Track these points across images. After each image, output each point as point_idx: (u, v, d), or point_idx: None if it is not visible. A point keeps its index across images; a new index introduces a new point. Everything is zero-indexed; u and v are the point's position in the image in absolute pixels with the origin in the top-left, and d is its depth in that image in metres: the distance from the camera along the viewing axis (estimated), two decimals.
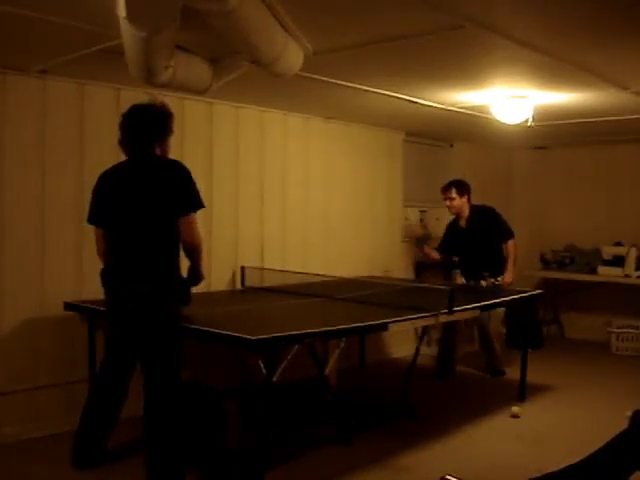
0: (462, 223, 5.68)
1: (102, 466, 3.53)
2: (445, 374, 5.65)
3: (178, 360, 3.32)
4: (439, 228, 6.34)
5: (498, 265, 5.57)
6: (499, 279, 5.53)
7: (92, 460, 3.53)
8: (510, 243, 5.61)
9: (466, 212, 5.64)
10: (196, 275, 3.45)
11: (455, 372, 5.73)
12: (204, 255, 4.89)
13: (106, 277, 3.44)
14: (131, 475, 3.39)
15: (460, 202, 5.60)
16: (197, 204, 3.26)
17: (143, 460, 3.26)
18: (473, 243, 5.61)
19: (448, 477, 3.22)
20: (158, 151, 3.38)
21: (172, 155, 3.54)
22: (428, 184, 6.95)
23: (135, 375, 3.48)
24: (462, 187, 5.62)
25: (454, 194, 5.58)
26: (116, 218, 3.37)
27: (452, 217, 5.84)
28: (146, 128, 3.34)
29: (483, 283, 5.54)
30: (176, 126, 4.62)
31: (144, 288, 3.25)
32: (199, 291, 4.52)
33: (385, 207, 6.39)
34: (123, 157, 4.42)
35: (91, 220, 3.50)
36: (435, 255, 5.93)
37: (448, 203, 5.63)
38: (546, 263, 7.21)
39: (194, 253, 3.33)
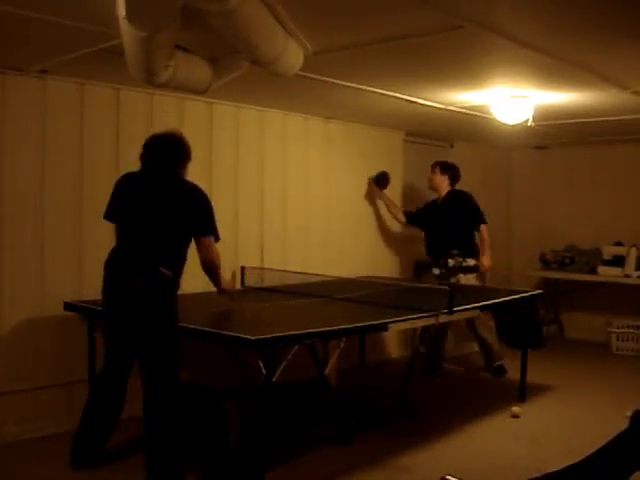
0: (439, 201, 5.83)
1: (101, 466, 3.52)
2: (433, 371, 5.71)
3: (176, 360, 3.32)
4: None
5: (468, 246, 5.66)
6: (468, 261, 5.59)
7: (91, 460, 3.53)
8: (483, 228, 5.70)
9: (443, 191, 5.79)
10: (217, 288, 3.73)
11: (443, 370, 5.81)
12: None
13: (109, 273, 3.44)
14: (131, 475, 3.39)
15: (439, 179, 5.78)
16: (215, 229, 3.49)
17: (143, 460, 3.26)
18: (446, 220, 5.70)
19: (448, 477, 3.22)
20: (181, 174, 3.56)
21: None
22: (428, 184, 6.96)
23: (135, 375, 3.47)
24: (446, 167, 5.82)
25: (437, 170, 5.79)
26: (130, 218, 3.45)
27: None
28: (177, 153, 3.53)
29: (450, 261, 5.59)
30: (175, 126, 4.67)
31: (143, 283, 3.28)
32: (199, 291, 4.54)
33: (385, 207, 6.38)
34: (122, 157, 4.45)
35: (107, 216, 3.57)
36: (395, 210, 6.07)
37: (429, 177, 5.84)
38: (546, 263, 7.21)
39: (211, 270, 3.56)
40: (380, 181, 6.06)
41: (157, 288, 3.30)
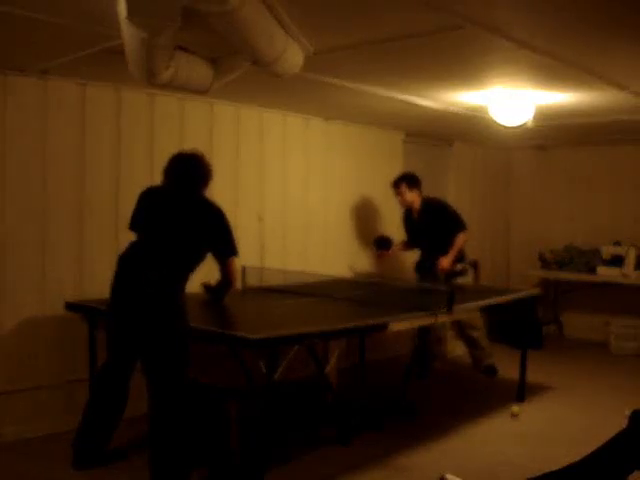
0: (414, 216, 5.69)
1: (102, 466, 3.53)
2: (423, 375, 5.62)
3: (186, 360, 3.33)
4: None
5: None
6: (458, 266, 5.53)
7: (92, 461, 3.53)
8: (460, 235, 5.51)
9: (417, 205, 5.62)
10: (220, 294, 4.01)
11: (433, 370, 5.75)
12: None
13: (120, 276, 3.45)
14: (132, 475, 3.40)
15: (411, 196, 5.57)
16: (235, 247, 3.66)
17: (147, 460, 3.26)
18: (425, 235, 5.63)
19: (448, 477, 3.23)
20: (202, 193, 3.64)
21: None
22: (428, 184, 6.95)
23: (137, 375, 3.48)
24: (412, 181, 5.58)
25: (404, 188, 5.55)
26: (152, 230, 3.51)
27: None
28: (197, 176, 3.59)
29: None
30: (176, 126, 4.69)
31: (153, 279, 3.33)
32: (199, 291, 4.54)
33: (385, 207, 6.39)
34: (123, 157, 4.46)
35: (131, 227, 3.60)
36: (404, 249, 5.92)
37: (399, 199, 5.62)
38: (545, 263, 7.22)
39: (228, 287, 3.88)
40: (383, 245, 5.83)
41: (167, 285, 3.34)
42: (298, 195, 5.60)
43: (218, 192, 4.96)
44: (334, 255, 5.83)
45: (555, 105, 4.77)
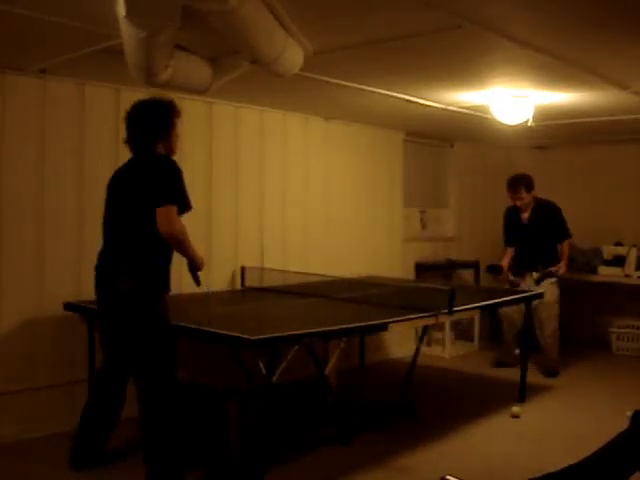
0: (524, 216, 5.77)
1: (101, 467, 3.52)
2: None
3: (170, 361, 3.22)
4: (440, 229, 6.36)
5: (551, 260, 5.68)
6: (551, 268, 5.62)
7: (91, 461, 3.52)
8: (566, 243, 5.79)
9: (531, 206, 5.74)
10: (190, 264, 3.35)
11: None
12: (205, 254, 4.92)
13: (95, 274, 3.40)
14: (131, 475, 3.39)
15: (529, 198, 5.70)
16: (173, 197, 3.11)
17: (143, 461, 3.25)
18: (533, 236, 5.70)
19: (448, 477, 3.22)
20: (161, 149, 3.30)
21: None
22: (428, 184, 6.96)
23: None
24: (529, 184, 5.70)
25: (524, 193, 5.66)
26: (106, 216, 3.37)
27: (507, 207, 5.91)
28: (146, 125, 3.28)
29: (534, 275, 5.62)
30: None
31: (127, 290, 3.18)
32: (199, 291, 4.53)
33: (385, 207, 6.39)
34: (122, 157, 4.44)
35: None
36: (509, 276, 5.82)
37: (519, 203, 5.70)
38: None
39: (174, 243, 3.18)
40: (496, 271, 5.83)
41: (139, 291, 3.19)
42: (298, 195, 5.59)
43: (218, 192, 4.98)
44: (334, 255, 5.82)
45: (555, 105, 4.77)
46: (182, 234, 3.17)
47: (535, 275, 5.67)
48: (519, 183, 5.67)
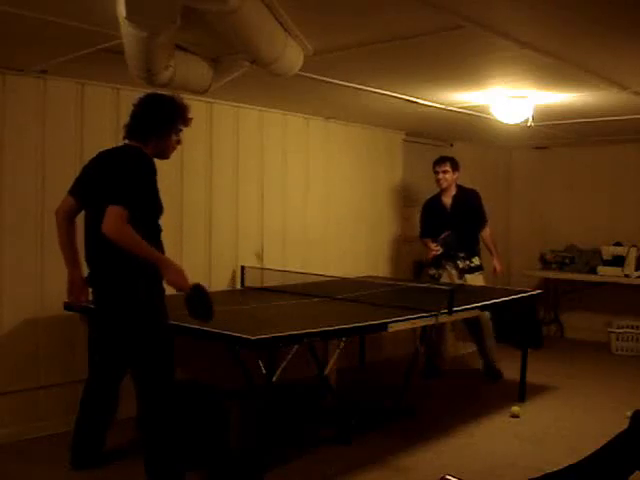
0: (446, 201, 5.68)
1: (101, 467, 3.53)
2: (433, 374, 5.62)
3: (167, 360, 3.16)
4: None
5: (472, 247, 5.63)
6: (474, 260, 5.57)
7: (90, 461, 3.53)
8: (487, 230, 5.73)
9: (453, 190, 5.68)
10: (167, 278, 2.99)
11: (443, 372, 5.71)
12: (205, 254, 4.93)
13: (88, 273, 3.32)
14: (131, 475, 3.39)
15: (452, 177, 5.64)
16: (124, 196, 2.88)
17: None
18: (454, 223, 5.61)
19: (448, 477, 3.22)
20: (151, 149, 3.17)
21: (171, 155, 3.49)
22: (428, 184, 6.95)
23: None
24: (456, 163, 5.67)
25: (448, 167, 5.61)
26: (86, 214, 3.28)
27: (429, 196, 5.85)
28: (142, 117, 3.17)
29: (460, 264, 5.56)
30: None
31: (111, 297, 3.14)
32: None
33: (385, 207, 6.39)
34: None
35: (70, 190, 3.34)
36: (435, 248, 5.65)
37: (441, 176, 5.62)
38: (546, 263, 7.21)
39: (120, 245, 2.88)
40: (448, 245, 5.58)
41: (127, 297, 3.10)
42: (298, 195, 5.60)
43: (218, 192, 4.98)
44: (334, 255, 5.83)
45: (555, 105, 4.76)
46: (116, 236, 2.88)
47: (432, 271, 5.64)
48: (446, 158, 5.66)
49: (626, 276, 6.52)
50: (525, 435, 4.19)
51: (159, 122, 3.18)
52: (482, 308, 4.73)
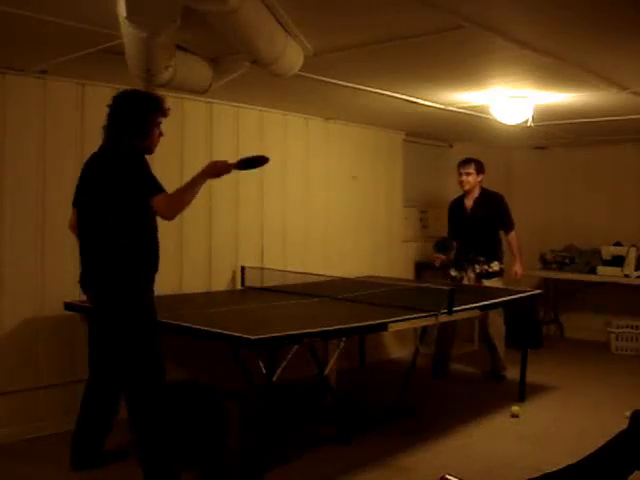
0: (468, 203, 5.66)
1: (101, 467, 3.52)
2: (440, 374, 5.62)
3: (156, 362, 3.15)
4: (440, 229, 6.34)
5: (493, 252, 5.58)
6: (493, 265, 5.53)
7: (90, 462, 3.52)
8: (513, 234, 5.67)
9: (477, 192, 5.64)
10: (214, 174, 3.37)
11: (449, 372, 5.70)
12: (205, 254, 4.93)
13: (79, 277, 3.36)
14: (130, 475, 3.38)
15: (475, 179, 5.60)
16: (154, 186, 3.02)
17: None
18: (475, 226, 5.59)
19: (448, 477, 3.22)
20: (136, 144, 3.17)
21: (172, 155, 3.49)
22: (428, 184, 6.96)
23: None
24: (480, 166, 5.63)
25: (472, 169, 5.58)
26: (79, 212, 3.31)
27: (454, 198, 5.83)
28: (121, 116, 3.16)
29: (477, 268, 5.54)
30: (175, 126, 4.68)
31: (100, 296, 3.18)
32: (199, 291, 4.53)
33: (385, 207, 6.39)
34: None
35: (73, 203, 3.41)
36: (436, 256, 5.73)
37: (464, 178, 5.60)
38: (546, 263, 7.21)
39: (176, 211, 3.07)
40: (443, 249, 5.65)
41: (116, 296, 3.13)
42: (298, 195, 5.60)
43: (218, 192, 4.98)
44: (334, 255, 5.83)
45: (555, 105, 4.77)
46: (178, 207, 3.07)
47: (454, 272, 5.62)
48: (471, 160, 5.62)
49: (626, 276, 6.52)
50: (525, 435, 4.19)
51: (140, 119, 3.17)
52: (482, 308, 4.73)
